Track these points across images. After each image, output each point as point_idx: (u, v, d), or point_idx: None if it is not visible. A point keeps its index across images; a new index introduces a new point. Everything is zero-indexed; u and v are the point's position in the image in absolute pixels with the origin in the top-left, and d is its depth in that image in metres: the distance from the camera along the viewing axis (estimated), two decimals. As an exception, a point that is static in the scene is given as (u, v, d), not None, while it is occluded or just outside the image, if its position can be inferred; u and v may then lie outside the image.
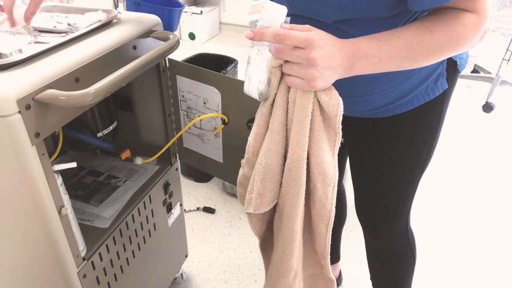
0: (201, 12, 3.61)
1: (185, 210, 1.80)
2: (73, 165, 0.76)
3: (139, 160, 1.09)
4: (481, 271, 1.54)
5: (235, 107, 1.01)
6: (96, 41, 0.76)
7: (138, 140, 1.18)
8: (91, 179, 1.10)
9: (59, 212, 0.72)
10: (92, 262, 0.87)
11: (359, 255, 1.60)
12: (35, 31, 0.78)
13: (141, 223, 1.04)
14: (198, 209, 1.81)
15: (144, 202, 1.04)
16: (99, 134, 0.95)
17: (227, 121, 1.05)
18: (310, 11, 0.71)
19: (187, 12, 3.61)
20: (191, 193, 1.92)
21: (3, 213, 0.71)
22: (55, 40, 0.73)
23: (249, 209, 0.77)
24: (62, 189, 0.74)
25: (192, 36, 3.76)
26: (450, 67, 0.79)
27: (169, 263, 1.26)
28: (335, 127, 0.67)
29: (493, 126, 2.49)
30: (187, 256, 1.38)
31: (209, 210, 1.80)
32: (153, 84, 1.03)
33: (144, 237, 1.06)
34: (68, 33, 0.81)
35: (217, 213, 1.80)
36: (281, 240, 0.78)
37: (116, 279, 0.97)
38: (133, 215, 1.00)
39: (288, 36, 0.57)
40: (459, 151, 2.24)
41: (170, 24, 1.96)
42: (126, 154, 1.06)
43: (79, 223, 0.86)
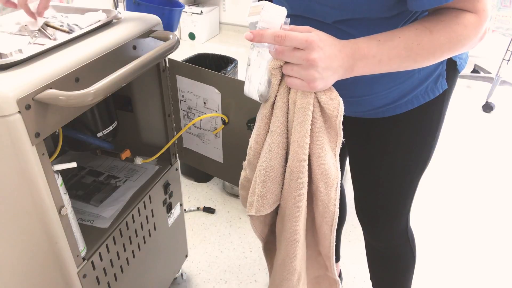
0: (201, 12, 3.61)
1: (185, 210, 1.80)
2: (73, 165, 0.76)
3: (139, 160, 1.09)
4: (481, 271, 1.54)
5: (235, 107, 1.01)
6: (96, 41, 0.76)
7: (138, 140, 1.18)
8: (91, 179, 1.10)
9: (59, 212, 0.72)
10: (92, 262, 0.87)
11: (359, 255, 1.60)
12: (38, 31, 0.78)
13: (141, 223, 1.04)
14: (198, 209, 1.81)
15: (144, 202, 1.04)
16: (99, 134, 0.95)
17: (227, 121, 1.05)
18: (310, 11, 0.71)
19: (187, 12, 3.61)
20: (191, 193, 1.92)
21: (3, 213, 0.72)
22: (63, 37, 0.73)
23: (251, 211, 0.77)
24: (62, 189, 0.74)
25: (192, 36, 3.76)
26: (449, 67, 0.79)
27: (169, 263, 1.26)
28: (336, 128, 0.67)
29: (493, 126, 2.49)
30: (187, 256, 1.38)
31: (209, 210, 1.80)
32: (153, 84, 1.03)
33: (144, 237, 1.06)
34: (69, 32, 0.81)
35: (217, 213, 1.80)
36: (284, 242, 0.78)
37: (116, 279, 0.97)
38: (133, 215, 1.00)
39: (287, 37, 0.57)
40: (459, 151, 2.25)
41: (170, 24, 1.96)
42: (126, 154, 1.06)
43: (79, 223, 0.86)
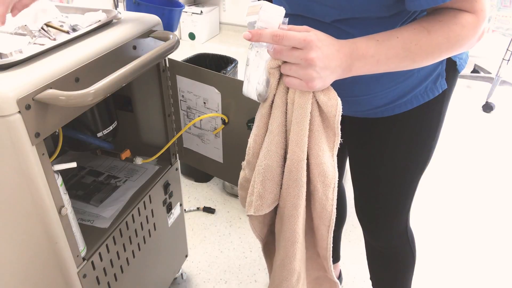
0: (201, 12, 3.61)
1: (185, 210, 1.80)
2: (73, 165, 0.76)
3: (139, 160, 1.09)
4: (481, 271, 1.54)
5: (235, 107, 1.01)
6: (96, 41, 0.77)
7: (138, 140, 1.19)
8: (91, 179, 1.10)
9: (59, 212, 0.72)
10: (92, 262, 0.87)
11: (359, 255, 1.60)
12: (35, 31, 0.78)
13: (141, 223, 1.04)
14: (198, 209, 1.81)
15: (144, 202, 1.04)
16: (99, 134, 0.95)
17: (227, 121, 1.05)
18: (309, 11, 0.71)
19: (187, 12, 3.61)
20: (191, 193, 1.92)
21: (3, 213, 0.72)
22: (63, 37, 0.73)
23: (250, 211, 0.77)
24: (62, 189, 0.74)
25: (192, 36, 3.76)
26: (449, 67, 0.79)
27: (169, 263, 1.27)
28: (334, 128, 0.67)
29: (493, 126, 2.49)
30: (187, 256, 1.38)
31: (209, 210, 1.80)
32: (153, 84, 1.03)
33: (144, 237, 1.06)
34: (69, 32, 0.81)
35: (217, 213, 1.80)
36: (283, 242, 0.78)
37: (116, 279, 0.98)
38: (133, 215, 1.00)
39: (286, 36, 0.57)
40: (459, 151, 2.24)
41: (170, 24, 1.96)
42: (126, 154, 1.06)
43: (79, 223, 0.86)
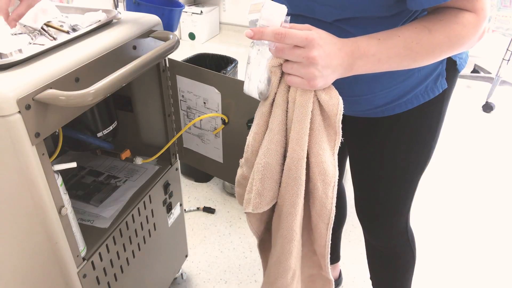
0: (201, 12, 3.61)
1: (185, 210, 1.80)
2: (73, 165, 0.76)
3: (139, 160, 1.09)
4: (481, 271, 1.54)
5: (235, 107, 1.01)
6: (96, 41, 0.76)
7: (138, 140, 1.18)
8: (91, 179, 1.10)
9: (59, 212, 0.72)
10: (92, 262, 0.87)
11: (359, 255, 1.60)
12: (36, 30, 0.78)
13: (141, 223, 1.04)
14: (198, 209, 1.81)
15: (144, 202, 1.04)
16: (99, 134, 0.95)
17: (227, 121, 1.05)
18: (310, 11, 0.71)
19: (187, 12, 3.61)
20: (191, 193, 1.92)
21: (3, 213, 0.72)
22: (63, 37, 0.73)
23: (248, 209, 0.77)
24: (62, 189, 0.74)
25: (192, 36, 3.76)
26: (449, 66, 0.79)
27: (169, 263, 1.26)
28: (335, 127, 0.67)
29: (493, 126, 2.49)
30: (187, 256, 1.38)
31: (209, 210, 1.80)
32: (153, 84, 1.03)
33: (144, 237, 1.06)
34: (69, 32, 0.81)
35: (217, 213, 1.80)
36: (280, 239, 0.78)
37: (116, 279, 0.97)
38: (133, 215, 1.00)
39: (288, 35, 0.57)
40: (459, 151, 2.24)
41: (170, 24, 1.96)
42: (126, 154, 1.06)
43: (79, 223, 0.86)
